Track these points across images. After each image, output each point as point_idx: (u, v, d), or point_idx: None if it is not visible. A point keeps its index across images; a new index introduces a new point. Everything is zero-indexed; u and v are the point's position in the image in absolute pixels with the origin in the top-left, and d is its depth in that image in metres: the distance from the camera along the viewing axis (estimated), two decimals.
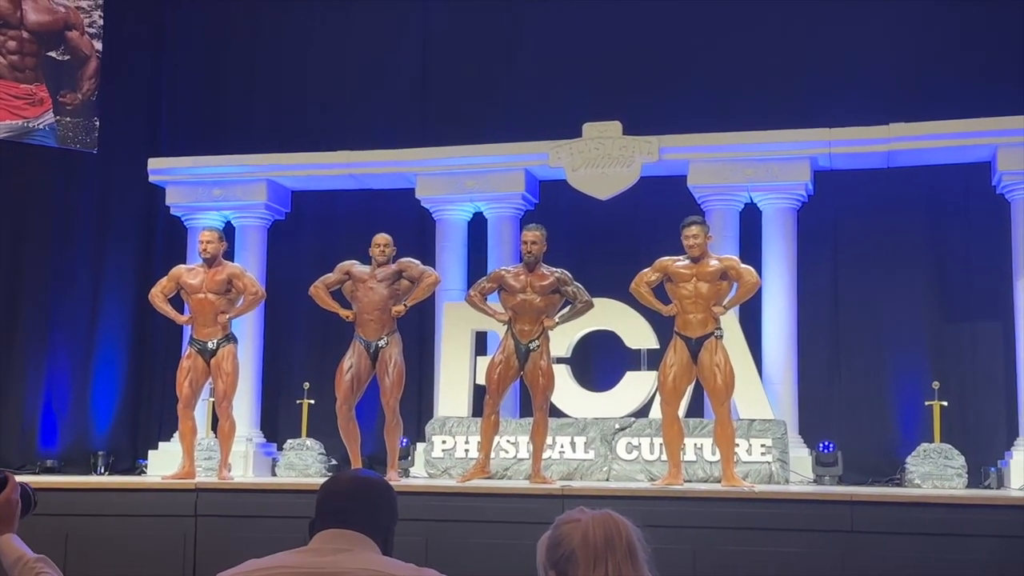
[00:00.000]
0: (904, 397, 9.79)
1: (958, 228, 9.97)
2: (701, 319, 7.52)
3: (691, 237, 7.58)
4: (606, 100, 10.41)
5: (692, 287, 7.56)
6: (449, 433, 8.90)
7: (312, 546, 2.52)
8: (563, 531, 2.59)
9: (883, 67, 10.17)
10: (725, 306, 7.65)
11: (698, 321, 7.53)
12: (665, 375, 7.60)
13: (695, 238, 7.58)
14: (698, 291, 7.54)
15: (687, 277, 7.59)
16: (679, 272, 7.63)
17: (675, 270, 7.65)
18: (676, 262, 7.69)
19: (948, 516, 6.26)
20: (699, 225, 7.68)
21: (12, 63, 10.82)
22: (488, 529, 6.64)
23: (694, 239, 7.58)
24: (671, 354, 7.62)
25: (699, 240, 7.58)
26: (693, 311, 7.54)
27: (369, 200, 10.90)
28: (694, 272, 7.58)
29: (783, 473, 8.32)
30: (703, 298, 7.53)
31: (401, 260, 8.17)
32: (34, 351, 11.13)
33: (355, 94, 11.34)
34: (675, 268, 7.66)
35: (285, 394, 10.75)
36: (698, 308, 7.53)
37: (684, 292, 7.59)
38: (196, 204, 10.57)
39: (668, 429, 7.62)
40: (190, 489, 7.35)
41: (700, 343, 7.50)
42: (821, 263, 10.16)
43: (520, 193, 10.11)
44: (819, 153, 9.54)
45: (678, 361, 7.54)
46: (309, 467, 9.42)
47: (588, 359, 9.98)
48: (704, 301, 7.53)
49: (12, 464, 10.52)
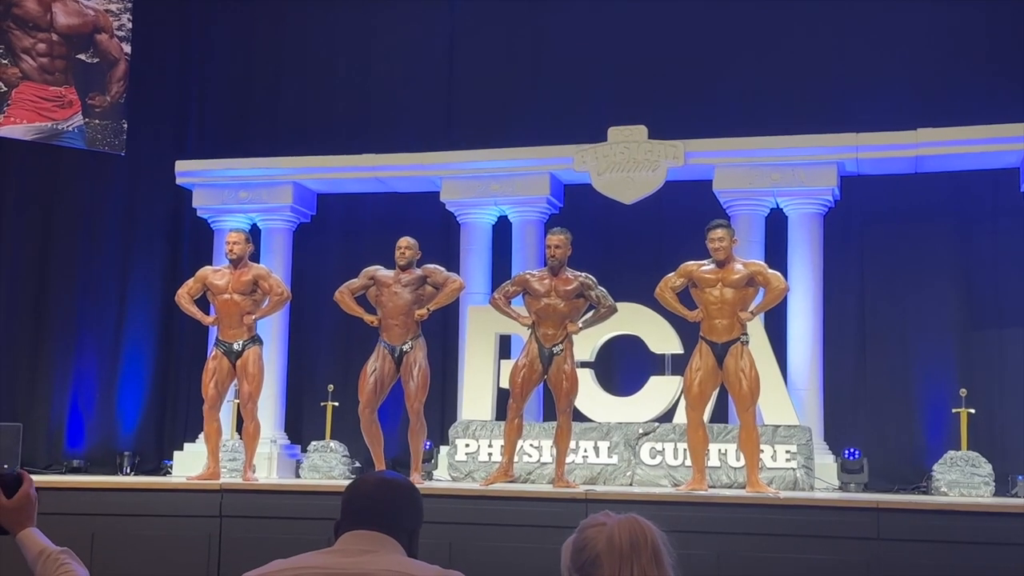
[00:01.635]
0: (931, 404, 9.72)
1: (986, 234, 9.89)
2: (727, 324, 7.49)
3: (716, 240, 7.55)
4: (632, 104, 10.39)
5: (718, 292, 7.52)
6: (473, 436, 8.90)
7: (337, 547, 2.53)
8: (588, 535, 2.58)
9: (911, 72, 10.11)
10: (752, 312, 7.61)
11: (723, 326, 7.49)
12: (690, 380, 7.57)
13: (720, 241, 7.54)
14: (723, 296, 7.50)
15: (712, 282, 7.56)
16: (704, 277, 7.59)
17: (700, 275, 7.62)
18: (702, 267, 7.65)
19: (975, 524, 6.21)
20: (724, 228, 7.64)
21: (42, 65, 10.91)
22: (511, 533, 6.64)
23: (719, 242, 7.54)
24: (696, 359, 7.59)
25: (724, 243, 7.54)
26: (719, 316, 7.50)
27: (394, 203, 10.93)
28: (719, 277, 7.54)
29: (808, 480, 8.27)
30: (728, 303, 7.49)
31: (426, 266, 8.18)
32: (61, 352, 11.21)
33: (381, 97, 11.38)
34: (700, 273, 7.62)
35: (309, 396, 10.79)
36: (723, 313, 7.49)
37: (710, 297, 7.55)
38: (222, 206, 10.62)
39: (693, 434, 7.60)
40: (215, 490, 7.38)
41: (726, 348, 7.47)
42: (847, 269, 10.10)
43: (545, 197, 10.11)
44: (846, 158, 9.50)
45: (704, 366, 7.51)
46: (333, 469, 9.45)
47: (612, 363, 9.97)
48: (729, 306, 7.49)
49: (39, 464, 10.61)
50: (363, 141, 10.85)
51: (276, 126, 11.50)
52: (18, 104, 10.84)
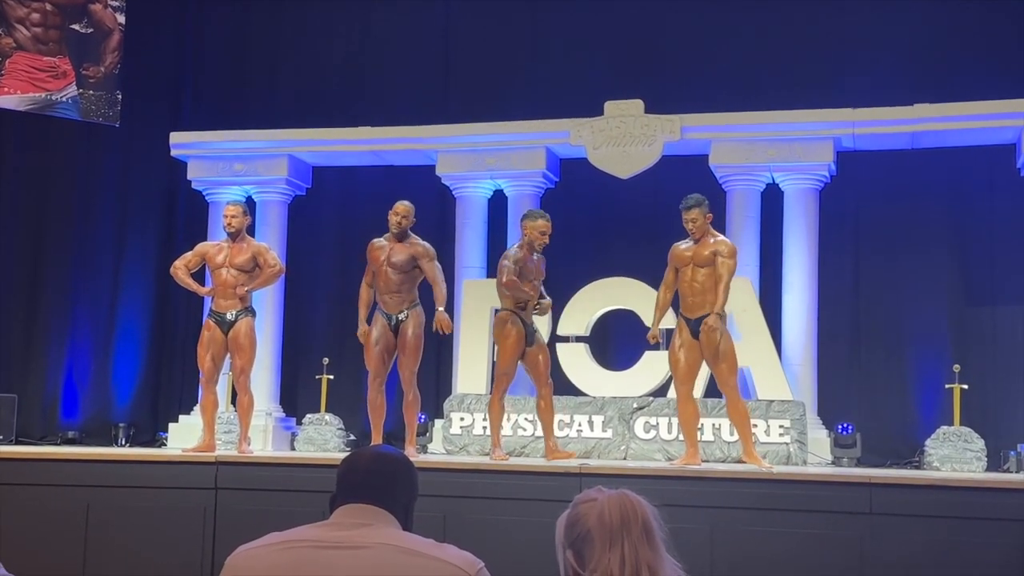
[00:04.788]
0: (924, 380, 9.76)
1: (982, 211, 9.90)
2: (698, 301, 7.50)
3: (690, 222, 7.52)
4: (628, 78, 10.36)
5: (690, 271, 7.54)
6: (467, 410, 8.91)
7: (333, 520, 2.54)
8: (580, 511, 2.60)
9: (908, 47, 10.08)
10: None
11: (695, 303, 7.51)
12: (675, 357, 7.60)
13: (693, 222, 7.51)
14: (694, 275, 7.51)
15: (686, 261, 7.58)
16: (682, 256, 7.61)
17: (678, 254, 7.64)
18: (681, 246, 7.66)
19: (967, 499, 6.24)
20: (697, 208, 7.54)
21: (36, 36, 10.85)
22: (505, 506, 6.67)
23: (693, 223, 7.51)
24: (677, 336, 7.62)
25: (698, 223, 7.51)
26: (690, 294, 7.53)
27: (390, 176, 10.89)
28: (692, 254, 7.56)
29: (801, 454, 8.31)
30: (698, 281, 7.50)
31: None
32: (56, 323, 11.21)
33: (377, 70, 11.33)
34: (679, 252, 7.64)
35: (305, 369, 10.79)
36: (693, 291, 7.51)
37: (684, 275, 7.57)
38: (217, 179, 10.59)
39: (683, 409, 7.62)
40: (210, 462, 7.40)
41: (698, 324, 7.49)
42: (843, 244, 10.11)
43: (541, 171, 10.09)
44: (843, 134, 9.48)
45: (684, 342, 7.53)
46: (328, 442, 9.47)
47: (607, 338, 9.98)
48: (699, 284, 7.49)
49: (34, 435, 10.63)
50: (359, 114, 10.82)
51: (272, 98, 11.46)
52: (11, 74, 10.78)
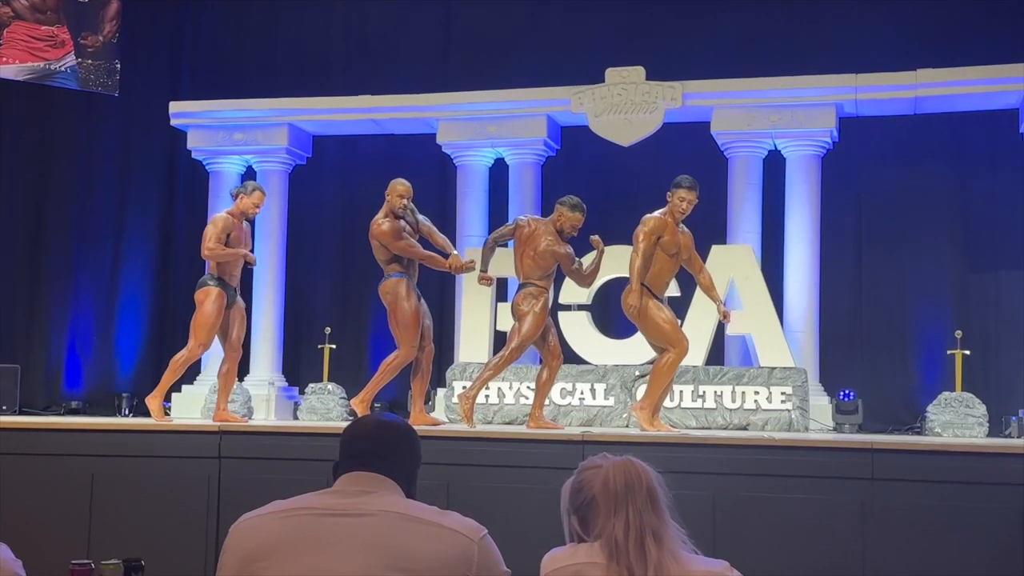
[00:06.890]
0: (926, 346, 9.77)
1: (984, 176, 9.88)
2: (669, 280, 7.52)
3: (691, 203, 7.23)
4: (629, 45, 10.31)
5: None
6: (470, 379, 8.91)
7: (336, 488, 2.55)
8: (585, 477, 2.61)
9: (910, 12, 10.02)
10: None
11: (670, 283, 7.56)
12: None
13: (691, 204, 7.23)
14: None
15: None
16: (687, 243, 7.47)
17: (685, 242, 7.43)
18: (683, 228, 7.40)
19: (968, 465, 6.25)
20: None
21: (34, 4, 10.79)
22: (509, 474, 6.68)
23: (690, 205, 7.26)
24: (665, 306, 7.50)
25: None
26: (669, 273, 7.45)
27: (390, 145, 10.87)
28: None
29: (803, 421, 8.33)
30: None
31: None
32: (58, 293, 11.21)
33: (377, 38, 11.27)
34: (686, 240, 7.45)
35: (307, 339, 10.81)
36: (672, 270, 7.45)
37: (670, 255, 7.33)
38: (217, 148, 10.56)
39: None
40: (214, 432, 7.41)
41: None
42: (845, 210, 10.09)
43: (542, 139, 10.06)
44: (845, 99, 9.43)
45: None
46: (330, 411, 9.49)
47: (609, 306, 9.97)
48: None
49: (37, 405, 10.65)
50: (359, 82, 10.77)
51: (272, 67, 11.40)
52: (10, 44, 10.73)
